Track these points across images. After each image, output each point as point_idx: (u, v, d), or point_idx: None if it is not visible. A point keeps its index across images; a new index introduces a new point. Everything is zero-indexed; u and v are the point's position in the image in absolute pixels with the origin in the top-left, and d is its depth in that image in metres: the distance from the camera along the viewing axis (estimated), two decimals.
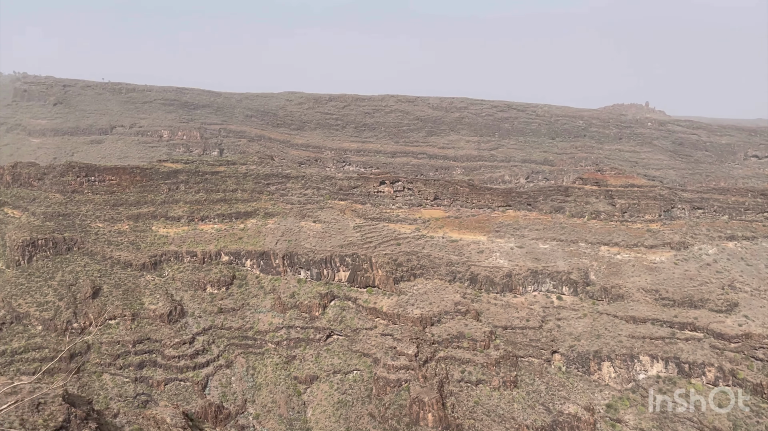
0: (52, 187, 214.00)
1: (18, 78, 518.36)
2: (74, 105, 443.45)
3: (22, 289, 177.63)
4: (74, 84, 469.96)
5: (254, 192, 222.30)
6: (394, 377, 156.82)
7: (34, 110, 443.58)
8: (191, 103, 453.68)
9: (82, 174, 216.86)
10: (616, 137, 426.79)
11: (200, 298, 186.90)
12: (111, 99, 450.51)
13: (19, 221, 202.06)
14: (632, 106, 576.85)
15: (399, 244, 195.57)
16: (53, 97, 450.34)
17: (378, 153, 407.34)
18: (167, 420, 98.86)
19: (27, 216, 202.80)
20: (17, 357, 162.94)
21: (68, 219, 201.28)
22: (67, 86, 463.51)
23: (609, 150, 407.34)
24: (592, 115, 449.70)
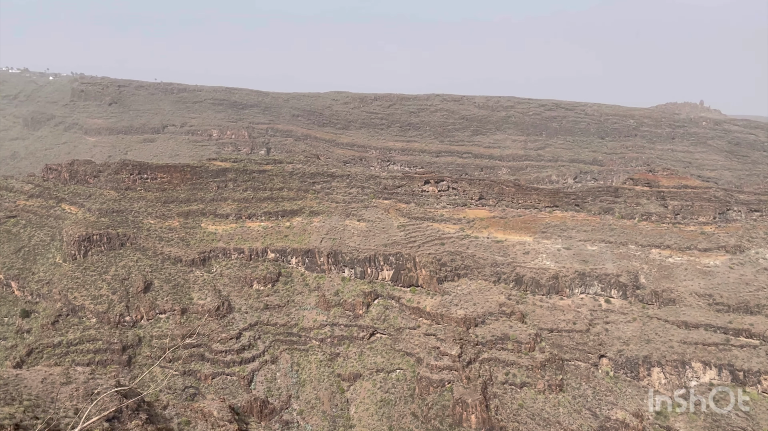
0: (106, 184, 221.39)
1: (75, 78, 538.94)
2: (128, 105, 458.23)
3: (78, 283, 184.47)
4: (128, 84, 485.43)
5: (300, 190, 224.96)
6: (437, 377, 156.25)
7: (91, 110, 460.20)
8: (240, 103, 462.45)
9: (135, 171, 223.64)
10: (669, 137, 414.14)
11: (247, 294, 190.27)
12: (163, 99, 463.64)
13: (75, 217, 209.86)
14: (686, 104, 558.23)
15: (443, 244, 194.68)
16: (108, 97, 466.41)
17: (423, 152, 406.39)
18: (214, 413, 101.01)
19: (83, 212, 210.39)
20: (72, 348, 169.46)
21: (122, 216, 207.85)
22: (121, 86, 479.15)
23: (661, 150, 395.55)
24: (643, 114, 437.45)
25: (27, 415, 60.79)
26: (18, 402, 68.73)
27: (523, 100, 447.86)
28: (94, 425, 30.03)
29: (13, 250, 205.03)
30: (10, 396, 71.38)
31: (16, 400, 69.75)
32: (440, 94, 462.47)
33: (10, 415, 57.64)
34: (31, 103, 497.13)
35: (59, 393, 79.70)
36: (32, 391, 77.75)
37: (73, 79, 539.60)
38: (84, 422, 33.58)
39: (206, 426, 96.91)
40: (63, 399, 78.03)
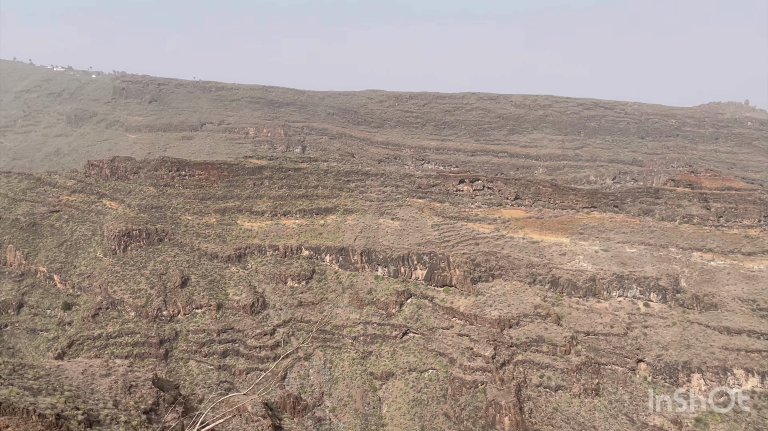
0: (146, 181, 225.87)
1: (117, 77, 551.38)
2: (167, 102, 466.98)
3: (117, 277, 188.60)
4: (168, 82, 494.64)
5: (335, 188, 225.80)
6: (470, 378, 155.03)
7: (131, 107, 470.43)
8: (276, 101, 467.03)
9: (174, 168, 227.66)
10: (712, 137, 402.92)
11: (281, 291, 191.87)
12: (201, 97, 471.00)
13: (115, 212, 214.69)
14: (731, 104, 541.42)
15: (477, 244, 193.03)
16: (149, 95, 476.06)
17: (457, 151, 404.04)
18: (248, 408, 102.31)
19: (123, 208, 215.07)
20: (111, 341, 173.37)
21: (160, 212, 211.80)
22: (161, 85, 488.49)
23: (704, 150, 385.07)
24: (686, 114, 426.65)
25: (68, 405, 62.20)
26: (59, 392, 70.39)
27: (561, 99, 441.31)
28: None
29: (56, 244, 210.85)
30: (52, 387, 73.17)
31: (57, 391, 71.46)
32: (476, 92, 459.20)
33: (51, 405, 59.04)
34: (75, 100, 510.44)
35: (99, 384, 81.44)
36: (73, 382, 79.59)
37: (114, 77, 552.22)
38: (199, 426, 34.27)
39: (241, 420, 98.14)
40: (102, 391, 79.70)
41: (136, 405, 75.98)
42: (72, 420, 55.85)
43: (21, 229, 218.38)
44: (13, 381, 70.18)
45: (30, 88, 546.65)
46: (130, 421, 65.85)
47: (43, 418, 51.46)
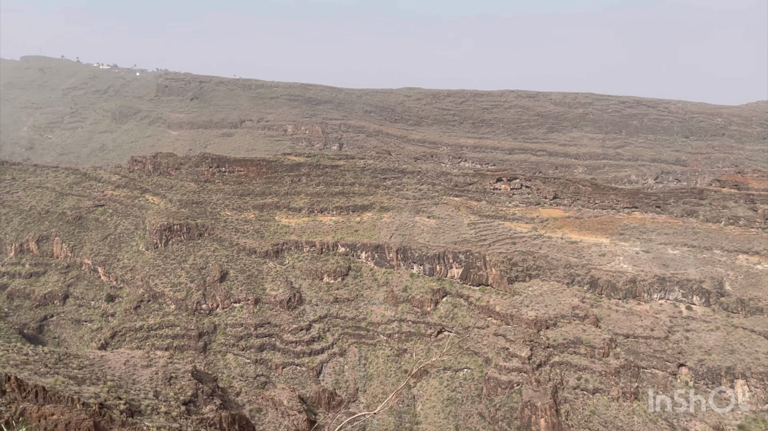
0: (187, 176, 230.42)
1: (160, 74, 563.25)
2: (208, 100, 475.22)
3: (159, 270, 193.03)
4: (209, 80, 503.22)
5: (371, 186, 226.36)
6: (506, 378, 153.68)
7: (174, 104, 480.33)
8: (314, 99, 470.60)
9: (214, 165, 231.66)
10: (760, 137, 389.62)
11: (317, 287, 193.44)
12: (241, 95, 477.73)
13: (157, 207, 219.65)
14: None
15: (514, 243, 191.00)
16: (190, 92, 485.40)
17: (495, 149, 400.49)
18: (284, 402, 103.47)
19: (165, 203, 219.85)
20: (152, 333, 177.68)
21: (200, 207, 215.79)
22: (203, 82, 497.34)
23: (751, 150, 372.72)
24: (732, 113, 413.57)
25: (111, 395, 64.00)
26: (102, 382, 72.48)
27: (602, 97, 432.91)
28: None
29: (101, 237, 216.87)
30: (96, 376, 75.39)
31: (100, 380, 73.59)
32: (514, 90, 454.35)
33: (95, 394, 60.81)
34: (119, 97, 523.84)
35: (140, 375, 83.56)
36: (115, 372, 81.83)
37: (157, 75, 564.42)
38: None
39: (277, 414, 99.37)
40: (143, 381, 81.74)
41: (176, 397, 77.69)
42: (114, 409, 57.42)
43: (67, 223, 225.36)
44: (59, 370, 72.57)
45: (77, 85, 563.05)
46: (170, 412, 67.35)
47: (87, 407, 53.01)
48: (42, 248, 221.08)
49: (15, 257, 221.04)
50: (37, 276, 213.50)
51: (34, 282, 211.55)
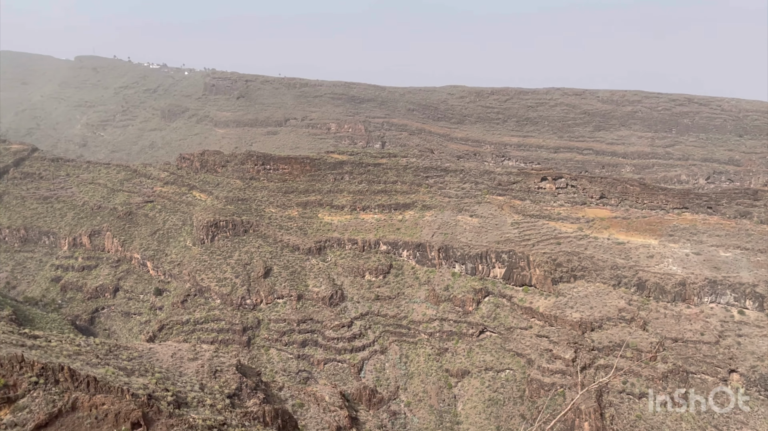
0: (233, 174, 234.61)
1: (208, 74, 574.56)
2: (254, 98, 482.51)
3: (205, 265, 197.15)
4: (255, 79, 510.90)
5: (413, 184, 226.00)
6: (549, 380, 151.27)
7: (220, 103, 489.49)
8: (357, 97, 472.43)
9: (259, 162, 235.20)
10: None
11: (359, 284, 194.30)
12: (286, 93, 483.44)
13: (204, 204, 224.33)
14: None
15: (559, 243, 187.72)
16: (237, 91, 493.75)
17: (540, 148, 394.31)
18: (326, 398, 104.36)
19: (211, 200, 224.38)
20: (198, 327, 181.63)
21: (246, 204, 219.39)
22: (249, 81, 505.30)
23: None
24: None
25: (158, 386, 65.59)
26: (150, 373, 74.37)
27: (652, 95, 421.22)
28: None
29: (150, 233, 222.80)
30: (144, 368, 77.41)
31: (149, 372, 75.52)
32: (560, 87, 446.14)
33: (144, 386, 62.39)
34: (168, 96, 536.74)
35: (187, 368, 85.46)
36: (163, 364, 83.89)
37: (205, 74, 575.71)
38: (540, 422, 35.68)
39: (318, 409, 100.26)
40: (190, 374, 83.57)
41: (221, 389, 79.16)
42: (162, 400, 58.79)
43: (118, 218, 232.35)
44: (109, 361, 74.82)
45: (128, 84, 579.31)
46: (215, 405, 68.61)
47: (136, 398, 54.42)
48: (94, 242, 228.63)
49: (68, 251, 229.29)
50: (89, 270, 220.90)
51: (87, 275, 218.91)
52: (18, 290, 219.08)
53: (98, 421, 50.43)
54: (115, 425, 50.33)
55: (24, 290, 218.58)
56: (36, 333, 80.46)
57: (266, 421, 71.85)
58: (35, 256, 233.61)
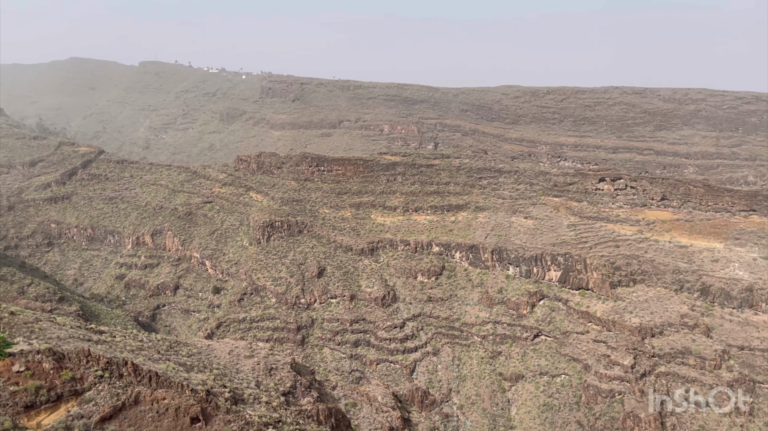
0: (288, 175, 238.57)
1: (264, 77, 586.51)
2: (309, 101, 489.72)
3: (261, 265, 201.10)
4: (310, 82, 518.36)
5: (466, 185, 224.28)
6: (607, 387, 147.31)
7: (276, 106, 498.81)
8: (410, 99, 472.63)
9: (314, 164, 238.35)
10: None
11: (411, 285, 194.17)
12: (340, 95, 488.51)
13: (261, 204, 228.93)
14: None
15: (618, 246, 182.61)
16: (292, 94, 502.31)
17: (597, 148, 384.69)
18: (378, 398, 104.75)
19: (267, 201, 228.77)
20: (254, 325, 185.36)
21: (300, 205, 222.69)
22: (304, 84, 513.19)
23: None
24: None
25: (216, 383, 67.29)
26: (209, 370, 76.38)
27: (717, 92, 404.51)
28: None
29: (208, 232, 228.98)
30: (203, 364, 79.54)
31: (207, 368, 77.57)
32: (619, 86, 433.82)
33: (202, 382, 64.14)
34: (227, 99, 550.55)
35: (243, 365, 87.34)
36: (221, 361, 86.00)
37: (262, 78, 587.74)
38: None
39: (371, 409, 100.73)
40: (246, 371, 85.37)
41: (276, 387, 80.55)
42: (220, 396, 60.30)
43: (179, 218, 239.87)
44: (170, 357, 77.23)
45: (188, 88, 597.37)
46: (270, 402, 69.84)
47: (195, 393, 55.98)
48: (156, 241, 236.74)
49: (132, 249, 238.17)
50: (151, 268, 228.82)
51: (149, 273, 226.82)
52: (85, 287, 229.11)
53: (159, 415, 52.14)
54: (175, 419, 51.94)
55: (90, 287, 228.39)
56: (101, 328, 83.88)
57: (320, 420, 72.67)
58: (101, 254, 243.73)
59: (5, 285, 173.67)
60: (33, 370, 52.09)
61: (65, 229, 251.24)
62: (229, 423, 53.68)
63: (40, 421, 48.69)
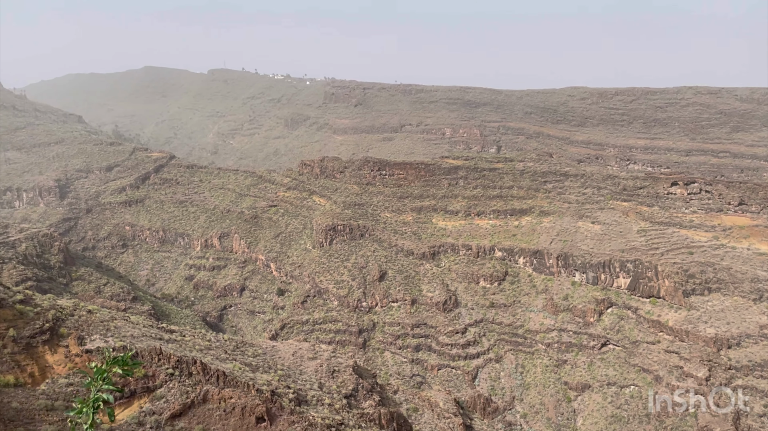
0: (350, 179, 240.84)
1: (328, 82, 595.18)
2: (371, 106, 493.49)
3: (324, 268, 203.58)
4: (372, 87, 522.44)
5: (530, 189, 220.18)
6: (679, 400, 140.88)
7: (339, 111, 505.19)
8: (473, 102, 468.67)
9: (375, 168, 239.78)
10: None
11: (473, 291, 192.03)
12: (402, 100, 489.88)
13: (323, 208, 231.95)
14: None
15: (691, 253, 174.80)
16: (354, 99, 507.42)
17: (669, 151, 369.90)
18: (440, 404, 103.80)
19: (330, 204, 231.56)
20: (317, 327, 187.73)
21: (362, 209, 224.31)
22: (366, 89, 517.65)
23: None
24: None
25: (281, 383, 68.34)
26: (273, 370, 77.68)
27: None
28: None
29: (273, 235, 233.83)
30: (267, 365, 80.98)
31: (272, 369, 78.92)
32: (693, 86, 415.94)
33: (267, 382, 65.26)
34: (291, 105, 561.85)
35: (306, 366, 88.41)
36: (285, 362, 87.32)
37: (325, 83, 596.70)
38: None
39: (432, 415, 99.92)
40: (309, 373, 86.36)
41: (338, 389, 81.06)
42: (284, 397, 61.16)
43: (245, 221, 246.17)
44: (236, 357, 79.01)
45: (255, 95, 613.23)
46: (333, 404, 70.33)
47: (261, 393, 56.99)
48: (223, 244, 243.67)
49: (201, 251, 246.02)
50: (218, 270, 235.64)
51: (216, 274, 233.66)
52: (156, 287, 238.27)
53: (226, 414, 53.37)
54: (241, 418, 53.01)
55: (161, 287, 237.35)
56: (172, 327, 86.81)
57: (382, 424, 72.63)
58: (171, 256, 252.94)
59: (83, 285, 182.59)
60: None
61: (138, 231, 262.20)
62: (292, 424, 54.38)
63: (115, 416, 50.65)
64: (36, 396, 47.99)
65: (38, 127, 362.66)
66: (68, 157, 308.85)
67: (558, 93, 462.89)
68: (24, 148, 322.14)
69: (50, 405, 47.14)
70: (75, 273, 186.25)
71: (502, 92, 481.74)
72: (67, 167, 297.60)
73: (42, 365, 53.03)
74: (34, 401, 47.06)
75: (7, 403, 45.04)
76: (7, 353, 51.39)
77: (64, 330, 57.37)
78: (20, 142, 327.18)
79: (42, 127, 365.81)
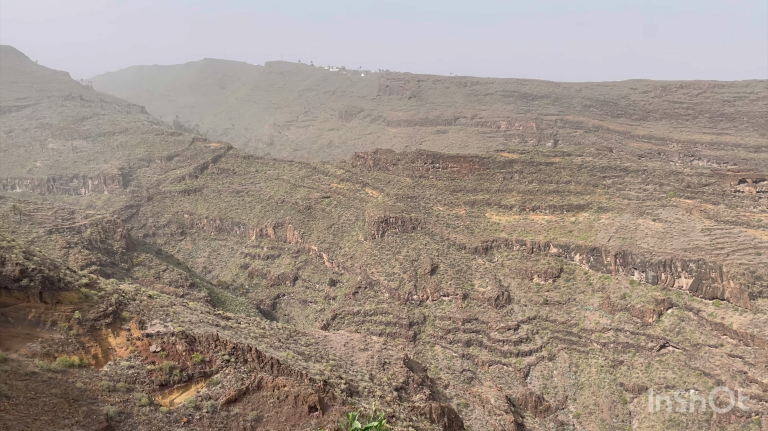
0: (403, 172, 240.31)
1: (382, 75, 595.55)
2: (425, 98, 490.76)
3: (375, 260, 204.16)
4: (426, 79, 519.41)
5: (588, 185, 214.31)
6: (742, 406, 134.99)
7: (393, 103, 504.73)
8: (529, 94, 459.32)
9: (429, 161, 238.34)
10: None
11: (526, 287, 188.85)
12: (456, 92, 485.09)
13: (376, 200, 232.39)
14: None
15: (759, 254, 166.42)
16: (409, 91, 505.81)
17: (737, 147, 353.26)
18: (491, 401, 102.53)
19: (383, 197, 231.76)
20: (368, 318, 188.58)
21: (414, 201, 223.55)
22: (421, 81, 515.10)
23: None
24: None
25: (333, 373, 68.68)
26: (326, 360, 78.19)
27: None
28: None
29: (326, 226, 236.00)
30: (320, 354, 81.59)
31: (324, 358, 79.47)
32: (764, 79, 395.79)
33: (320, 371, 65.66)
34: (345, 97, 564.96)
35: (357, 357, 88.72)
36: (336, 352, 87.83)
37: (380, 76, 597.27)
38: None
39: (483, 411, 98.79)
40: (360, 364, 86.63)
41: (389, 382, 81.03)
42: (336, 387, 61.40)
43: (299, 211, 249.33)
44: (290, 345, 79.92)
45: (310, 87, 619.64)
46: (384, 396, 70.27)
47: (313, 382, 57.35)
48: (277, 233, 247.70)
49: (256, 240, 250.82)
50: (272, 259, 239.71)
51: (270, 263, 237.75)
52: (213, 274, 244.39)
53: (279, 401, 53.94)
54: (294, 407, 53.49)
55: (218, 274, 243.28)
56: (228, 314, 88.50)
57: (432, 418, 72.14)
58: (228, 244, 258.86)
59: (144, 270, 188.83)
60: (168, 351, 55.73)
61: (197, 220, 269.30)
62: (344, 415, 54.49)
63: (173, 400, 51.95)
64: (99, 377, 49.63)
65: (103, 117, 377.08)
66: (131, 147, 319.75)
67: (619, 85, 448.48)
68: (90, 137, 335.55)
69: (112, 386, 48.68)
70: (136, 259, 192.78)
71: (561, 84, 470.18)
72: (130, 156, 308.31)
73: (105, 347, 54.84)
74: (98, 382, 48.68)
75: (72, 383, 46.72)
76: (73, 334, 53.32)
77: (126, 314, 59.17)
78: (86, 132, 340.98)
79: (107, 117, 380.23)
